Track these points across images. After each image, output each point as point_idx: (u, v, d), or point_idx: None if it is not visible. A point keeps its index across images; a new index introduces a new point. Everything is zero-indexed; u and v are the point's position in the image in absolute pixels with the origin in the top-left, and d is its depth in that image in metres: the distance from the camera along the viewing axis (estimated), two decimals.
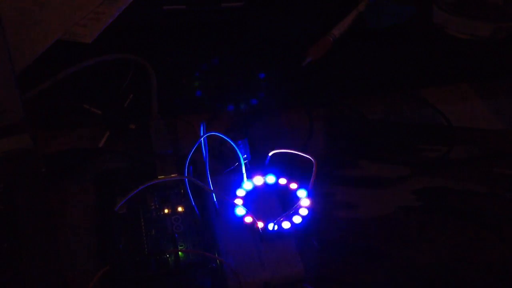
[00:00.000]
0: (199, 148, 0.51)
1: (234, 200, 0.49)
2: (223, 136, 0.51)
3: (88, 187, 0.51)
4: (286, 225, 0.47)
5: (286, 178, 0.52)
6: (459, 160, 0.56)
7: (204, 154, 0.51)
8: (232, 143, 0.51)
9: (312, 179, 0.49)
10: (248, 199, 0.50)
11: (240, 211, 0.48)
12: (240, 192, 0.50)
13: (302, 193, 0.50)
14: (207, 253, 0.45)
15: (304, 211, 0.48)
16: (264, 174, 0.52)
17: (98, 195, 0.50)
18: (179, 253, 0.45)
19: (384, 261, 0.47)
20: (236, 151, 0.51)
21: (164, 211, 0.48)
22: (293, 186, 0.51)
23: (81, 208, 0.50)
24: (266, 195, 0.50)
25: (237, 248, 0.46)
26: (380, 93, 0.65)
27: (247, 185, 0.51)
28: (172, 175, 0.50)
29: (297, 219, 0.48)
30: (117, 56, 0.66)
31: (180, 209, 0.49)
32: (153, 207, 0.49)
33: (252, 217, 0.47)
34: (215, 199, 0.49)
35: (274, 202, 0.50)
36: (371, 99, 0.63)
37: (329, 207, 0.51)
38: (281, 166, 0.53)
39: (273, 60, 0.68)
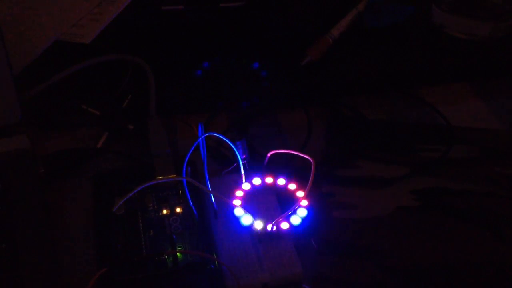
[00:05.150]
0: (197, 148, 0.51)
1: (232, 200, 0.49)
2: (222, 137, 0.51)
3: (86, 187, 0.51)
4: (284, 225, 0.47)
5: (284, 179, 0.51)
6: (458, 160, 0.56)
7: (203, 155, 0.51)
8: (230, 144, 0.51)
9: (310, 180, 0.49)
10: (247, 200, 0.50)
11: (238, 212, 0.48)
12: (239, 193, 0.50)
13: (300, 194, 0.50)
14: (205, 254, 0.45)
15: (302, 212, 0.48)
16: (262, 174, 0.51)
17: (96, 195, 0.50)
18: (177, 254, 0.45)
19: (383, 262, 0.47)
20: (234, 151, 0.51)
21: (162, 212, 0.48)
22: (292, 186, 0.51)
23: (79, 208, 0.50)
24: (265, 196, 0.50)
25: (236, 249, 0.46)
26: (379, 93, 0.65)
27: (246, 185, 0.51)
28: (171, 175, 0.50)
29: (295, 220, 0.48)
30: (115, 56, 0.66)
31: (178, 210, 0.48)
32: (151, 208, 0.49)
33: (250, 217, 0.47)
34: (213, 200, 0.48)
35: (273, 202, 0.50)
36: (370, 99, 0.63)
37: (327, 207, 0.51)
38: (280, 166, 0.53)
39: (272, 59, 0.68)
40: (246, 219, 0.47)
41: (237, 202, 0.49)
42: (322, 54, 0.68)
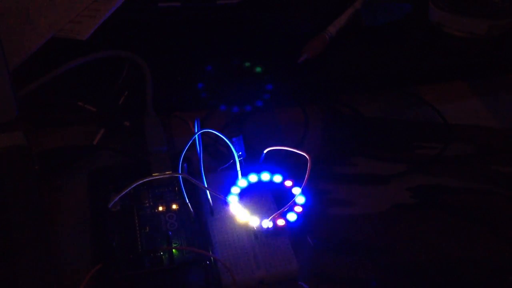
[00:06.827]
0: (193, 145, 0.51)
1: (228, 197, 0.49)
2: (218, 133, 0.51)
3: (81, 184, 0.51)
4: (280, 222, 0.47)
5: (281, 175, 0.51)
6: (455, 158, 0.56)
7: (199, 151, 0.51)
8: (226, 140, 0.50)
9: (306, 176, 0.49)
10: (243, 197, 0.50)
11: (234, 208, 0.48)
12: (235, 190, 0.50)
13: (297, 190, 0.50)
14: (201, 250, 0.45)
15: (298, 209, 0.48)
16: (258, 171, 0.51)
17: (92, 192, 0.50)
18: (173, 250, 0.45)
19: (380, 259, 0.47)
20: (230, 148, 0.51)
21: (158, 208, 0.48)
22: (288, 183, 0.51)
23: (75, 205, 0.50)
24: (261, 193, 0.50)
25: (231, 246, 0.46)
26: (376, 91, 0.64)
27: (242, 182, 0.50)
28: (167, 172, 0.50)
29: (291, 217, 0.48)
30: (111, 53, 0.66)
31: (174, 206, 0.48)
32: (147, 204, 0.49)
33: (246, 214, 0.47)
34: (209, 197, 0.48)
35: (269, 199, 0.50)
36: (367, 97, 0.63)
37: (324, 204, 0.51)
38: (276, 163, 0.52)
39: (268, 57, 0.68)
40: (242, 216, 0.47)
41: (233, 198, 0.49)
42: (319, 52, 0.68)
